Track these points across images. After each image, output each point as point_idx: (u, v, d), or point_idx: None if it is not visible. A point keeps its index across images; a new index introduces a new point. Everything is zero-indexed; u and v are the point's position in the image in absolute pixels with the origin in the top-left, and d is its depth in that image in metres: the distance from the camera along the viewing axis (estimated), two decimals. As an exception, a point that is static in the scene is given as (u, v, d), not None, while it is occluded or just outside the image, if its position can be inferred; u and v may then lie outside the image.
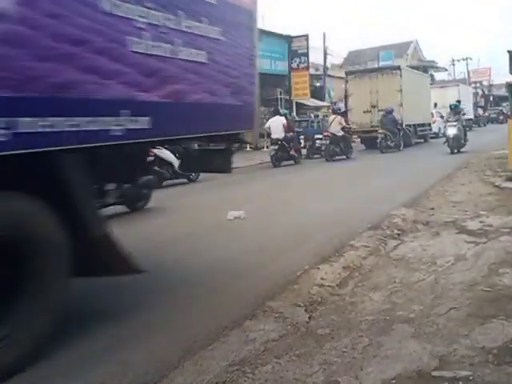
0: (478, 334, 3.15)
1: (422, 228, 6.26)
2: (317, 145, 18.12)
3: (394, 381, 2.68)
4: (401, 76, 20.39)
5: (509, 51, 11.75)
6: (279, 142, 15.93)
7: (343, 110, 24.44)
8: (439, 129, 23.92)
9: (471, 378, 2.64)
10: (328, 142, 16.79)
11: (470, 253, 5.00)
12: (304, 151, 18.45)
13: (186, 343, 3.35)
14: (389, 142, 18.62)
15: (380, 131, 18.85)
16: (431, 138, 24.31)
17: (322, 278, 4.48)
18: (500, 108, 44.29)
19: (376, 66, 37.18)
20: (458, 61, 57.36)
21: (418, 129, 22.55)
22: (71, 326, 3.76)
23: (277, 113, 17.09)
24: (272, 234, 6.54)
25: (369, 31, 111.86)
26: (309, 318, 3.68)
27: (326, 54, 30.83)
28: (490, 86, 55.61)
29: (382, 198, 8.67)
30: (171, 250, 5.89)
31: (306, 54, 24.53)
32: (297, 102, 24.95)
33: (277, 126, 16.06)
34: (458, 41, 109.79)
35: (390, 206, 7.42)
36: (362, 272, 4.70)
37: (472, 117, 36.20)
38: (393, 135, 18.89)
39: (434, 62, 46.60)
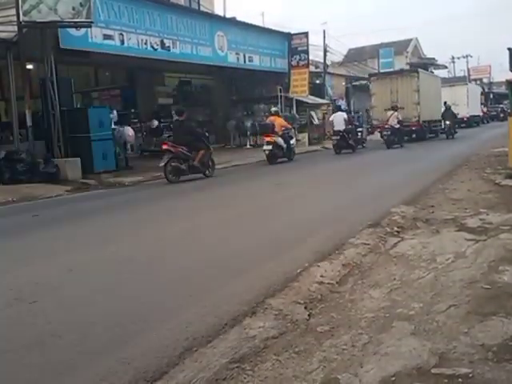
0: (478, 332, 3.15)
1: (422, 225, 6.26)
2: (358, 136, 20.54)
3: (393, 378, 2.68)
4: (418, 78, 22.66)
5: (509, 48, 11.73)
6: (340, 133, 18.76)
7: (343, 107, 24.77)
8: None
9: (471, 375, 2.64)
10: (389, 133, 19.86)
11: (470, 250, 5.00)
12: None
13: (187, 340, 3.36)
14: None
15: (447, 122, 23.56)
16: (441, 133, 26.06)
17: (321, 276, 4.48)
18: (500, 106, 44.29)
19: (376, 63, 37.69)
20: (458, 58, 57.37)
21: (432, 125, 24.74)
22: (73, 323, 3.78)
23: (339, 109, 20.81)
24: (272, 228, 6.54)
25: (369, 29, 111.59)
26: (308, 315, 3.68)
27: (325, 52, 30.75)
28: (490, 83, 55.56)
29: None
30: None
31: (306, 52, 24.42)
32: (296, 100, 24.89)
33: (339, 119, 19.01)
34: (457, 38, 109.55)
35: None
36: (362, 269, 4.70)
37: (480, 114, 37.11)
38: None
39: (433, 59, 46.45)
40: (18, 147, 13.33)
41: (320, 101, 27.98)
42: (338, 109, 20.79)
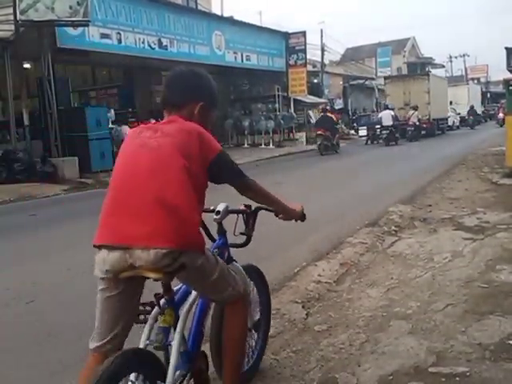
0: (475, 331, 3.16)
1: (420, 224, 6.27)
2: (377, 133, 22.73)
3: (391, 377, 2.69)
4: (428, 80, 25.09)
5: (506, 48, 11.76)
6: (389, 128, 21.29)
7: (340, 106, 25.10)
8: (453, 122, 31.14)
9: (468, 374, 2.64)
10: (413, 129, 22.85)
11: (467, 249, 5.01)
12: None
13: (184, 340, 3.35)
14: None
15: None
16: (447, 130, 28.97)
17: (319, 275, 4.49)
18: (498, 105, 44.42)
19: (373, 62, 37.99)
20: (456, 57, 57.42)
21: (439, 122, 27.16)
22: (70, 323, 3.77)
23: (386, 107, 22.87)
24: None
25: (366, 28, 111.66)
26: (306, 314, 3.68)
27: (323, 51, 30.73)
28: (488, 82, 55.59)
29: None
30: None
31: (304, 51, 24.41)
32: (294, 99, 24.89)
33: (387, 117, 21.51)
34: (455, 37, 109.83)
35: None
36: (360, 268, 4.71)
37: (481, 112, 38.49)
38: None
39: (431, 58, 46.56)
40: (15, 146, 13.33)
41: (317, 100, 27.98)
42: (386, 107, 23.02)
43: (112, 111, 15.74)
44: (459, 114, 33.09)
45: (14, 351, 3.37)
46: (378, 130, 22.55)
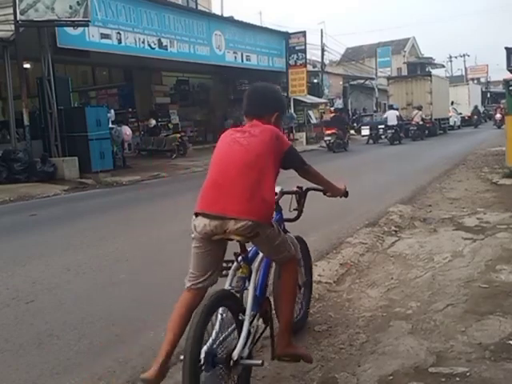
0: (475, 331, 3.16)
1: (420, 225, 6.27)
2: (379, 132, 23.51)
3: (391, 377, 2.69)
4: (431, 81, 25.75)
5: (506, 48, 11.75)
6: (394, 128, 22.03)
7: (341, 107, 25.22)
8: (454, 122, 31.46)
9: (468, 374, 2.64)
10: (416, 128, 23.56)
11: (467, 249, 5.01)
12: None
13: (184, 339, 3.35)
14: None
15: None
16: (448, 129, 29.65)
17: (319, 275, 4.48)
18: (498, 105, 44.42)
19: (373, 62, 38.08)
20: (456, 57, 57.40)
21: (441, 122, 27.90)
22: (70, 323, 3.77)
23: (391, 108, 23.61)
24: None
25: (366, 28, 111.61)
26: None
27: (323, 51, 30.73)
28: (488, 82, 55.57)
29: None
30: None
31: (304, 51, 24.39)
32: (294, 99, 24.88)
33: (392, 116, 22.28)
34: (455, 37, 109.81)
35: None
36: (360, 269, 4.71)
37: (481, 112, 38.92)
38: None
39: (431, 58, 46.52)
40: (15, 146, 13.31)
41: (317, 100, 27.97)
42: (391, 107, 23.68)
43: (112, 111, 15.74)
44: (460, 113, 33.25)
45: (14, 351, 3.37)
46: (382, 130, 23.27)
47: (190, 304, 2.56)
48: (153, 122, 20.05)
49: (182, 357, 2.23)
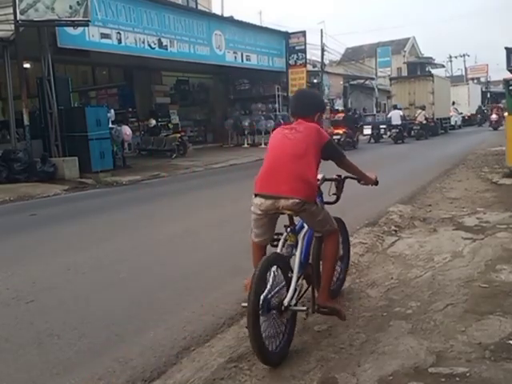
0: (475, 330, 3.16)
1: (420, 224, 6.27)
2: (380, 132, 24.21)
3: (391, 377, 2.68)
4: (433, 81, 26.14)
5: (506, 48, 11.75)
6: (398, 127, 22.47)
7: (341, 107, 25.47)
8: (455, 121, 31.57)
9: (468, 374, 2.64)
10: (419, 127, 24.08)
11: (467, 249, 5.01)
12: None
13: (184, 339, 3.36)
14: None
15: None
16: (450, 129, 29.90)
17: (319, 275, 4.48)
18: (498, 105, 44.40)
19: (373, 62, 38.13)
20: (456, 57, 57.35)
21: (443, 122, 28.27)
22: (70, 322, 3.77)
23: (396, 107, 23.89)
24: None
25: (366, 28, 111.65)
26: (306, 314, 3.67)
27: (323, 51, 30.70)
28: (488, 82, 55.54)
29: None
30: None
31: (304, 51, 24.36)
32: (294, 99, 24.91)
33: (396, 116, 22.74)
34: (455, 37, 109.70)
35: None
36: (360, 268, 4.71)
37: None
38: None
39: (431, 58, 46.46)
40: (15, 146, 13.32)
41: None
42: (395, 107, 23.97)
43: (112, 111, 15.72)
44: (461, 113, 33.25)
45: (14, 351, 3.37)
46: (383, 129, 23.88)
47: (261, 250, 3.35)
48: (153, 121, 20.05)
49: (244, 304, 2.82)
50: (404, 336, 3.16)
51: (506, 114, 30.28)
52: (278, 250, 3.19)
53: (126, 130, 15.85)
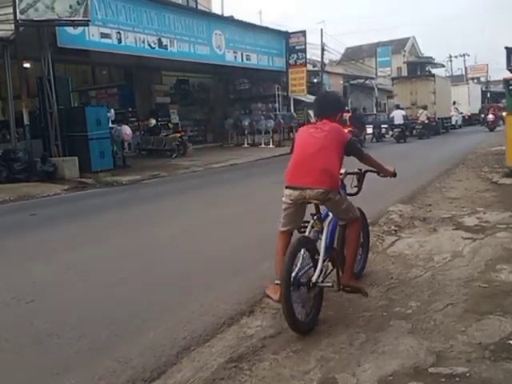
0: (475, 330, 3.16)
1: (419, 224, 6.26)
2: (382, 131, 24.73)
3: (390, 377, 2.68)
4: (434, 81, 26.45)
5: (506, 47, 11.75)
6: (400, 127, 22.76)
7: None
8: (456, 121, 31.68)
9: (468, 374, 2.64)
10: (421, 127, 24.41)
11: (467, 249, 5.01)
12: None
13: (184, 339, 3.36)
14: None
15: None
16: (450, 128, 30.02)
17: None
18: (498, 104, 44.40)
19: (373, 61, 38.18)
20: (456, 57, 57.34)
21: (444, 121, 28.59)
22: (70, 322, 3.77)
23: (398, 107, 24.27)
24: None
25: (366, 27, 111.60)
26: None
27: (323, 50, 30.69)
28: (488, 82, 55.53)
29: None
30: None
31: (304, 50, 24.34)
32: (294, 98, 24.86)
33: (398, 116, 23.13)
34: (455, 37, 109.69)
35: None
36: (360, 268, 4.70)
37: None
38: None
39: (431, 58, 46.44)
40: (15, 146, 13.31)
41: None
42: (398, 107, 24.32)
43: (112, 111, 15.72)
44: (461, 113, 33.24)
45: (14, 351, 3.37)
46: (384, 129, 24.30)
47: (284, 240, 3.65)
48: (153, 121, 20.04)
49: (277, 281, 3.24)
50: (404, 336, 3.16)
51: (504, 113, 30.27)
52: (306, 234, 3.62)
53: (126, 130, 15.84)
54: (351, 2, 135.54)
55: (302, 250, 3.39)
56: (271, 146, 22.29)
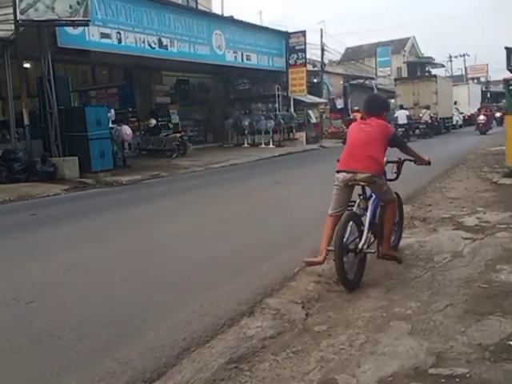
0: (475, 331, 3.16)
1: (419, 224, 6.27)
2: None
3: (390, 378, 2.68)
4: (436, 82, 26.95)
5: (506, 48, 11.75)
6: (404, 126, 23.03)
7: (341, 106, 25.61)
8: (456, 121, 32.04)
9: (468, 375, 2.64)
10: (425, 126, 25.10)
11: (467, 249, 5.01)
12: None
13: (185, 340, 3.36)
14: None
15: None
16: (452, 128, 30.42)
17: (319, 275, 4.49)
18: (498, 104, 44.41)
19: (373, 62, 38.24)
20: (456, 57, 57.32)
21: (446, 121, 28.98)
22: (70, 323, 3.77)
23: (402, 107, 24.53)
24: (271, 226, 6.55)
25: (366, 27, 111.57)
26: (306, 314, 3.68)
27: (323, 51, 30.67)
28: (488, 82, 55.53)
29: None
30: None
31: (304, 51, 24.31)
32: (294, 98, 24.85)
33: (402, 116, 23.59)
34: (455, 37, 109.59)
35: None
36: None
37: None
38: None
39: (431, 58, 46.50)
40: (15, 146, 13.30)
41: (317, 100, 27.95)
42: (401, 107, 24.63)
43: (112, 111, 15.71)
44: (462, 113, 33.26)
45: (14, 351, 3.37)
46: None
47: (333, 223, 4.26)
48: (153, 121, 20.03)
49: (331, 247, 4.09)
50: (404, 337, 3.17)
51: (498, 114, 29.91)
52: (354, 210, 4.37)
53: (126, 130, 15.84)
54: (351, 2, 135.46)
55: (351, 223, 4.14)
56: (271, 146, 22.29)
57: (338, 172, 4.29)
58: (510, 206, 6.79)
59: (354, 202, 4.42)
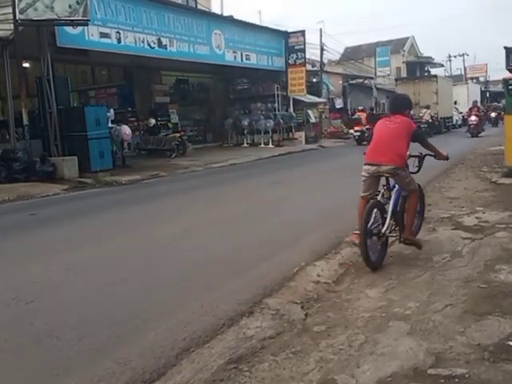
0: (474, 331, 3.16)
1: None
2: None
3: (390, 378, 2.69)
4: (437, 82, 27.55)
5: (505, 47, 11.74)
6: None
7: (340, 106, 25.59)
8: (456, 120, 32.21)
9: (467, 375, 2.65)
10: (426, 126, 24.71)
11: (466, 249, 5.02)
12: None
13: (184, 340, 3.36)
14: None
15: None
16: (452, 128, 30.64)
17: (318, 275, 4.49)
18: (493, 104, 44.43)
19: (372, 61, 38.32)
20: (455, 57, 57.34)
21: (446, 121, 29.39)
22: (70, 323, 3.77)
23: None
24: (272, 225, 6.55)
25: (365, 27, 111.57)
26: (305, 315, 3.69)
27: (322, 50, 30.66)
28: (487, 82, 55.54)
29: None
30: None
31: (303, 50, 24.30)
32: (293, 98, 24.84)
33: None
34: (454, 37, 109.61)
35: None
36: (358, 269, 4.71)
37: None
38: None
39: (430, 57, 46.55)
40: (15, 146, 13.29)
41: (317, 100, 27.94)
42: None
43: (112, 110, 15.68)
44: (461, 112, 33.31)
45: (14, 351, 3.38)
46: None
47: (364, 202, 4.81)
48: (152, 121, 20.02)
49: (355, 231, 4.94)
50: (403, 337, 3.17)
51: (493, 114, 29.92)
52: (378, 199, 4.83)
53: (126, 130, 15.82)
54: (350, 2, 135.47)
55: (375, 210, 4.63)
56: (270, 145, 22.29)
57: (365, 165, 4.79)
58: (509, 206, 6.79)
59: (379, 191, 4.90)
